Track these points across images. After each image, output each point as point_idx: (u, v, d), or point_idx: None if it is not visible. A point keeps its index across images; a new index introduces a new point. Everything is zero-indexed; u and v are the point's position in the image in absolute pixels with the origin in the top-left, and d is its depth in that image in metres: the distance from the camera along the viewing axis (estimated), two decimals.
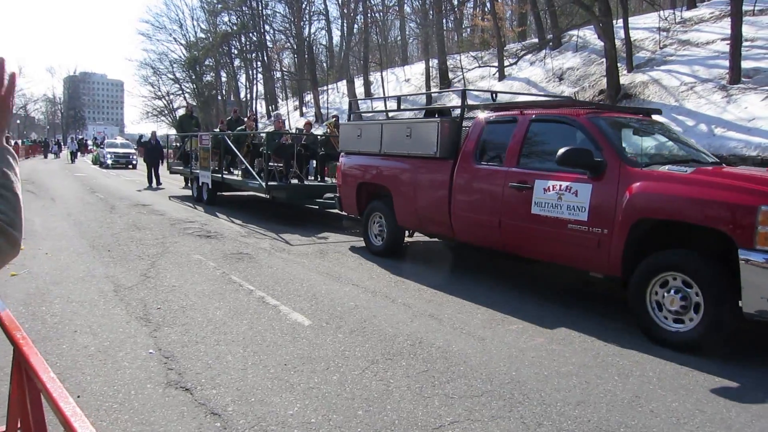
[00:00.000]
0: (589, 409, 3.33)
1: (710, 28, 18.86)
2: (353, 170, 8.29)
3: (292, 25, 41.47)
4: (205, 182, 13.34)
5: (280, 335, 4.45)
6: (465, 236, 6.51)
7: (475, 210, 6.23)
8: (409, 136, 7.10)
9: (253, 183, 11.39)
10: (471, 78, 25.14)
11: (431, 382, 3.64)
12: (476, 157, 6.26)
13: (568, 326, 4.88)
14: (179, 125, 17.68)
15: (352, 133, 8.35)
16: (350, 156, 8.42)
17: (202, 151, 13.63)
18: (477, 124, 6.45)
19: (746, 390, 3.67)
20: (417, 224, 7.29)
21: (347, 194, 8.37)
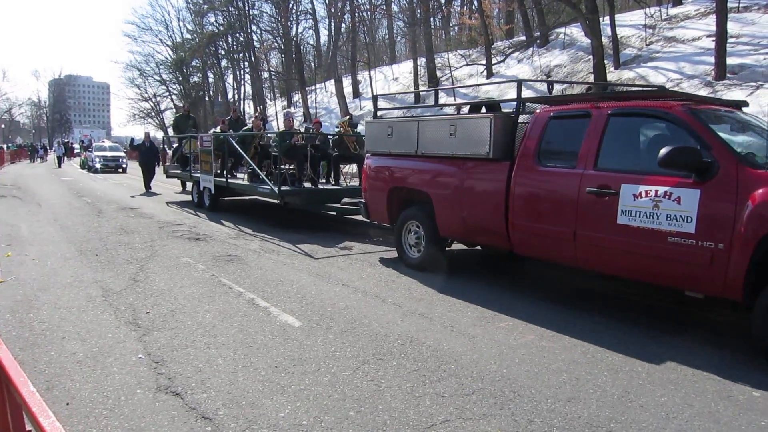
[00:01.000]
0: (580, 405, 3.36)
1: (696, 24, 19.03)
2: (383, 173, 7.44)
3: (279, 24, 41.31)
4: (207, 187, 12.49)
5: (271, 337, 4.43)
6: (526, 249, 5.74)
7: (540, 219, 5.41)
8: (454, 134, 6.27)
9: (263, 188, 10.46)
10: (459, 76, 25.19)
11: (422, 381, 3.65)
12: (539, 158, 5.47)
13: (558, 323, 4.91)
14: (175, 126, 16.62)
15: (380, 132, 7.48)
16: (379, 157, 7.56)
17: (203, 153, 12.69)
18: (538, 120, 5.61)
19: (733, 383, 3.70)
20: (463, 234, 6.48)
21: (375, 200, 7.54)
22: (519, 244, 5.74)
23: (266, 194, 10.53)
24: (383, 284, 6.22)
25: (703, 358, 4.14)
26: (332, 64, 37.16)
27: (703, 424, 3.15)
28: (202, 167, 12.79)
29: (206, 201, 12.67)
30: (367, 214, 7.84)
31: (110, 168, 28.39)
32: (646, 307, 5.58)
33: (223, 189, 12.06)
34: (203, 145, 12.74)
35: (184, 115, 16.92)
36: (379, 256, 7.68)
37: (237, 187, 11.81)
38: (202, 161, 12.79)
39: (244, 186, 11.58)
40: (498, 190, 5.79)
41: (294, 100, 41.50)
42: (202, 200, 12.87)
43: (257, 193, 11.00)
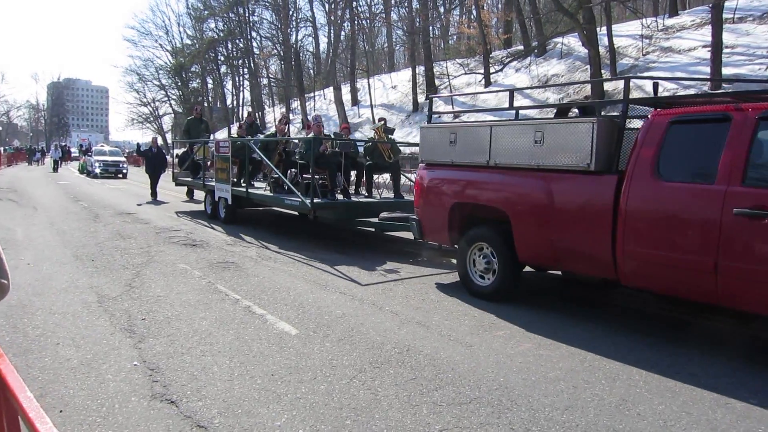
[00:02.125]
0: (577, 414, 3.34)
1: (692, 35, 19.17)
2: (443, 187, 6.53)
3: (279, 31, 41.49)
4: (223, 197, 11.45)
5: (267, 345, 4.41)
6: (639, 280, 4.82)
7: (663, 245, 4.49)
8: (540, 142, 5.38)
9: (291, 200, 9.41)
10: (457, 84, 25.28)
11: (419, 390, 3.63)
12: (659, 171, 4.59)
13: (555, 331, 4.89)
14: (186, 130, 15.38)
15: (440, 139, 6.59)
16: (437, 168, 6.66)
17: (220, 160, 11.63)
18: (655, 126, 4.73)
19: (730, 390, 3.70)
20: (550, 260, 5.54)
21: (433, 217, 6.61)
22: (630, 274, 4.79)
23: (294, 207, 9.52)
24: (380, 292, 6.18)
25: (700, 365, 4.13)
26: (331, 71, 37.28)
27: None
28: (217, 175, 11.84)
29: (221, 212, 11.66)
30: (420, 233, 6.85)
31: (110, 173, 27.66)
32: (643, 314, 5.58)
33: (241, 200, 11.05)
34: (220, 151, 11.73)
35: (196, 118, 15.65)
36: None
37: (259, 199, 10.70)
38: (217, 169, 11.82)
39: (267, 197, 10.49)
40: (602, 208, 4.88)
41: (293, 107, 41.57)
42: (217, 211, 11.87)
43: (284, 205, 9.96)
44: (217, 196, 11.75)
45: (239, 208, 11.46)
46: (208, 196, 12.58)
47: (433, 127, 6.93)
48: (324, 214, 9.21)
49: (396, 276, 7.00)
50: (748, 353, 4.52)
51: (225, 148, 11.50)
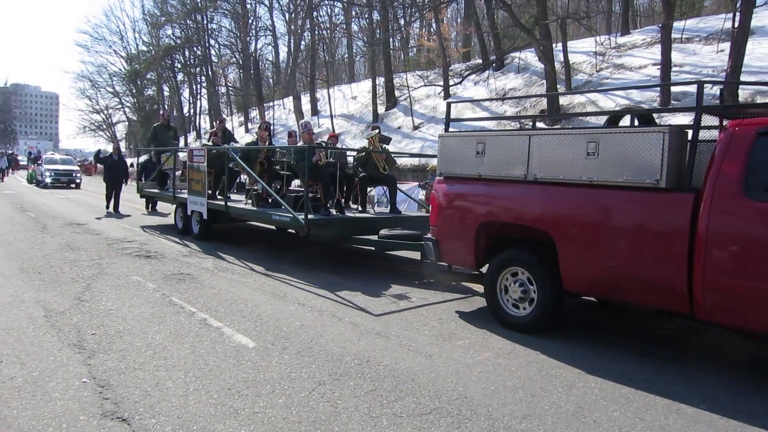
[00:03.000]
0: (535, 422, 3.38)
1: (642, 53, 19.93)
2: (468, 204, 5.82)
3: (237, 40, 41.11)
4: (197, 211, 10.49)
5: (224, 358, 4.31)
6: (726, 316, 4.17)
7: (760, 276, 3.89)
8: (594, 154, 4.73)
9: (280, 215, 8.48)
10: (417, 96, 25.53)
11: (379, 401, 3.61)
12: (747, 189, 4.02)
13: (513, 340, 4.96)
14: (153, 137, 14.00)
15: (463, 150, 5.86)
16: (460, 183, 5.93)
17: (194, 170, 10.57)
18: (738, 138, 4.17)
19: (682, 396, 3.81)
20: (605, 289, 4.84)
21: (454, 237, 5.90)
22: (711, 309, 4.17)
23: (284, 224, 8.63)
24: (339, 303, 6.14)
25: (653, 372, 4.25)
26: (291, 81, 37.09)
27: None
28: (191, 187, 10.70)
29: (194, 227, 10.74)
30: (437, 255, 6.10)
31: (62, 183, 26.13)
32: (597, 323, 5.71)
33: (218, 214, 10.07)
34: (193, 160, 10.65)
35: (163, 124, 14.41)
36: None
37: (241, 214, 9.68)
38: (191, 180, 10.70)
39: (250, 212, 9.44)
40: (676, 231, 4.28)
41: (252, 116, 41.16)
42: (189, 226, 10.91)
43: (271, 221, 9.08)
44: (189, 210, 10.74)
45: (214, 222, 10.51)
46: (179, 209, 11.54)
47: (456, 136, 6.13)
48: (320, 232, 8.41)
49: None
50: (699, 361, 4.68)
51: (200, 157, 10.48)
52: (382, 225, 8.42)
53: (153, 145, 13.92)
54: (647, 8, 35.36)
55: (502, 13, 25.13)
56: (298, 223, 7.90)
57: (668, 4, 16.01)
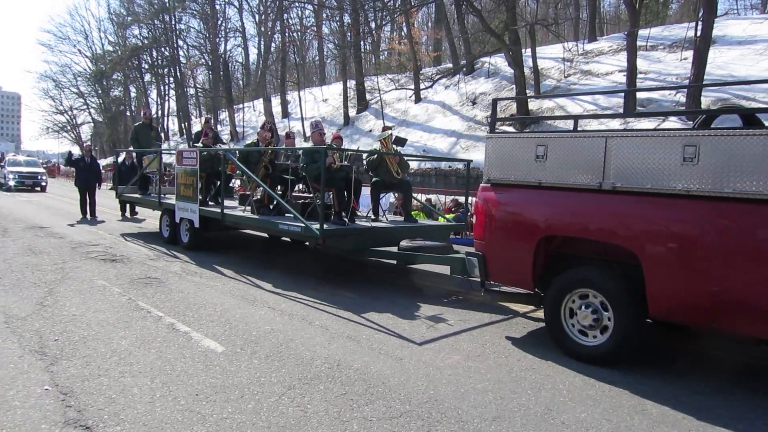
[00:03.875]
0: (505, 424, 3.41)
1: (609, 60, 20.38)
2: (526, 215, 5.12)
3: (206, 41, 40.60)
4: (187, 219, 9.55)
5: (192, 364, 4.24)
6: None
7: None
8: (693, 159, 4.09)
9: (289, 225, 7.49)
10: (388, 100, 25.59)
11: (350, 405, 3.59)
12: None
13: (484, 343, 5.00)
14: (134, 138, 12.91)
15: (519, 153, 5.19)
16: (514, 190, 5.23)
17: (184, 174, 9.62)
18: None
19: (647, 397, 3.90)
20: (706, 316, 4.14)
21: (507, 253, 5.21)
22: None
23: (294, 234, 7.62)
24: (309, 306, 6.10)
25: (619, 373, 4.34)
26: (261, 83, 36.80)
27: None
28: (180, 192, 9.78)
29: (183, 236, 9.89)
30: (484, 272, 5.42)
31: (26, 186, 24.95)
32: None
33: (211, 222, 9.20)
34: (183, 163, 9.71)
35: (145, 124, 13.18)
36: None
37: (240, 222, 8.79)
38: (180, 185, 9.77)
39: (251, 221, 8.52)
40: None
41: (221, 118, 40.68)
42: (177, 235, 10.04)
43: (278, 231, 8.12)
44: (178, 217, 9.87)
45: (206, 231, 9.56)
46: (165, 216, 10.64)
47: (510, 138, 5.42)
48: (337, 243, 7.51)
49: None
50: (663, 363, 4.79)
51: (190, 159, 9.52)
52: (401, 235, 7.69)
53: (134, 146, 12.96)
54: (614, 16, 36.20)
55: (472, 18, 25.41)
56: (312, 234, 7.00)
57: (634, 13, 16.44)
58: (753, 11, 30.72)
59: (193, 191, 9.35)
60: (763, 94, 13.87)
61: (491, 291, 5.61)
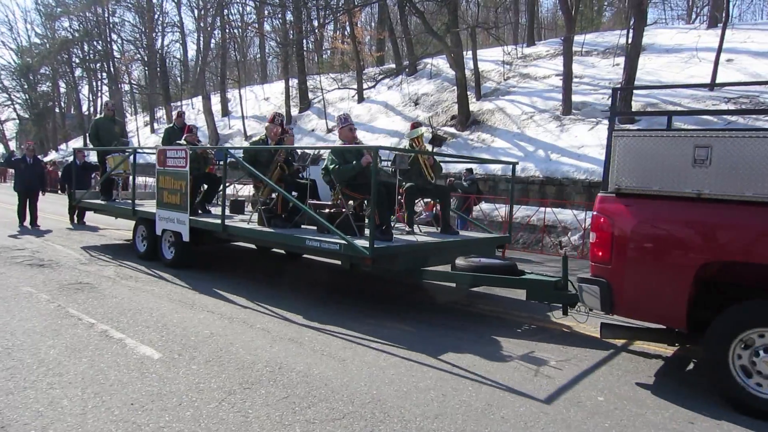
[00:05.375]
0: (447, 421, 3.46)
1: (546, 64, 21.02)
2: (679, 235, 4.15)
3: (142, 35, 39.22)
4: (174, 231, 8.01)
5: (126, 372, 4.08)
6: None
7: None
8: None
9: (321, 242, 6.09)
10: (331, 99, 25.49)
11: (292, 408, 3.55)
12: None
13: (426, 342, 5.05)
14: (94, 134, 11.00)
15: (669, 155, 4.13)
16: (656, 203, 4.21)
17: (168, 177, 8.14)
18: None
19: (581, 390, 4.04)
20: None
21: (652, 282, 4.18)
22: None
23: (329, 253, 6.21)
24: (251, 310, 5.99)
25: (555, 368, 4.49)
26: (200, 80, 35.81)
27: (557, 430, 3.39)
28: (162, 199, 8.22)
29: (166, 252, 8.34)
30: (608, 304, 4.34)
31: None
32: (503, 322, 5.93)
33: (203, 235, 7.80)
34: (167, 164, 8.18)
35: (108, 117, 11.24)
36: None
37: (251, 237, 7.49)
38: (163, 190, 8.22)
39: (266, 235, 7.04)
40: None
41: (158, 116, 39.38)
42: (159, 250, 8.43)
43: (304, 249, 6.62)
44: (159, 229, 8.28)
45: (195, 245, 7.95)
46: (142, 227, 9.03)
47: (654, 136, 4.26)
48: (387, 264, 6.06)
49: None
50: (597, 355, 4.98)
51: (178, 159, 8.01)
52: (454, 251, 6.58)
53: (94, 143, 11.11)
54: (551, 22, 37.39)
55: (415, 20, 25.63)
56: (357, 253, 5.69)
57: (570, 19, 17.04)
58: (680, 21, 32.52)
59: (181, 198, 7.84)
60: (688, 100, 14.67)
61: (612, 327, 4.67)
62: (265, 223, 7.17)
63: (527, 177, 14.05)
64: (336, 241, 5.96)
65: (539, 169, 13.74)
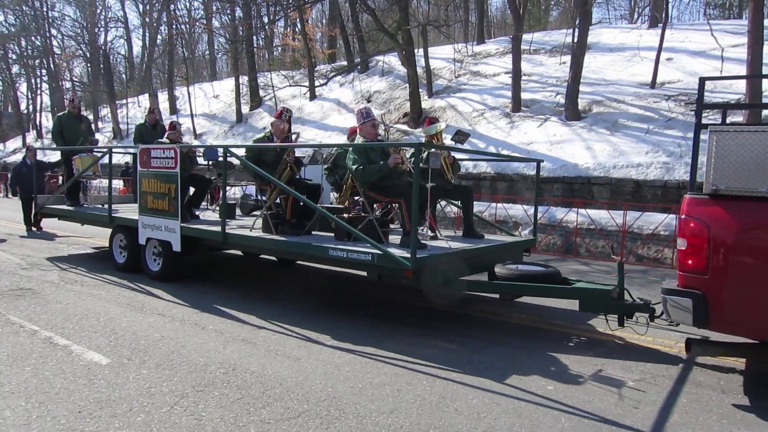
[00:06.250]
0: (401, 416, 3.50)
1: (496, 62, 21.40)
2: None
3: (84, 30, 37.78)
4: (158, 240, 7.26)
5: (73, 379, 3.95)
6: None
7: None
8: None
9: (348, 253, 5.39)
10: (282, 97, 25.23)
11: (246, 409, 3.53)
12: None
13: (380, 339, 5.09)
14: (58, 132, 9.78)
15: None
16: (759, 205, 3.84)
17: (154, 180, 7.27)
18: None
19: (533, 381, 4.16)
20: None
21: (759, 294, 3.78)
22: None
23: (359, 264, 5.43)
24: (202, 311, 5.88)
25: (507, 359, 4.59)
26: (146, 77, 34.84)
27: (508, 420, 3.48)
28: (147, 205, 7.38)
29: (151, 263, 7.49)
30: (703, 319, 3.97)
31: None
32: (454, 316, 6.03)
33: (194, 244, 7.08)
34: (154, 165, 7.29)
35: (72, 113, 9.97)
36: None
37: (260, 246, 6.62)
38: (147, 194, 7.38)
39: (279, 244, 6.18)
40: None
41: (102, 114, 38.04)
42: (142, 261, 7.57)
43: (327, 259, 5.75)
44: (143, 238, 7.47)
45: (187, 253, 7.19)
46: (120, 236, 8.15)
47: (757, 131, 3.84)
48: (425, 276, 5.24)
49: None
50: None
51: (165, 159, 7.17)
52: (489, 258, 6.15)
53: (58, 142, 9.98)
54: (500, 20, 38.08)
55: (366, 17, 25.65)
56: (395, 264, 5.01)
57: (518, 18, 17.40)
58: (623, 21, 33.74)
59: (170, 203, 7.06)
60: (631, 97, 15.22)
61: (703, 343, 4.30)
62: (272, 230, 6.40)
63: (479, 173, 14.26)
64: (367, 250, 5.26)
65: (490, 165, 13.97)
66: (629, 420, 3.56)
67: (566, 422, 3.49)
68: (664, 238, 10.38)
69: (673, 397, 3.99)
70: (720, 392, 4.13)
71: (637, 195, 11.73)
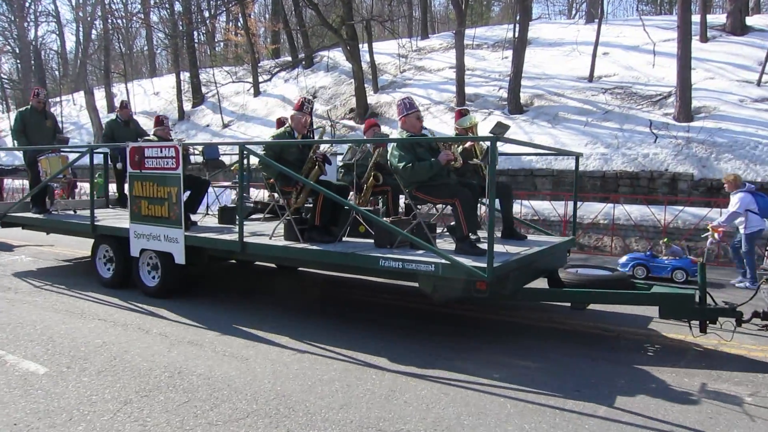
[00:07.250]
0: (352, 411, 3.52)
1: (440, 57, 21.62)
2: None
3: (12, 25, 35.88)
4: (156, 251, 6.41)
5: (7, 391, 3.78)
6: None
7: None
8: None
9: (404, 263, 4.63)
10: (225, 93, 24.72)
11: (193, 412, 3.46)
12: None
13: (330, 335, 5.09)
14: (20, 129, 8.52)
15: None
16: None
17: (150, 184, 6.34)
18: None
19: (479, 370, 4.26)
20: None
21: None
22: None
23: (411, 274, 4.69)
24: (146, 315, 5.73)
25: (453, 350, 4.69)
26: (81, 74, 33.38)
27: (456, 409, 3.56)
28: (141, 211, 6.44)
29: (146, 278, 6.61)
30: None
31: None
32: (404, 311, 6.10)
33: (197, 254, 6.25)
34: (148, 165, 6.35)
35: (35, 109, 8.70)
36: None
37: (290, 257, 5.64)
38: (141, 200, 6.44)
39: (319, 255, 5.32)
40: None
41: None
42: (134, 275, 6.69)
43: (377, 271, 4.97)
44: (136, 249, 6.55)
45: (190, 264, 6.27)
46: (105, 247, 7.14)
47: None
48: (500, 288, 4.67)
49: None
50: (495, 337, 5.25)
51: (164, 159, 6.25)
52: (548, 261, 5.67)
53: (20, 141, 8.70)
54: (443, 15, 38.45)
55: (310, 12, 25.42)
56: (467, 275, 4.37)
57: (460, 13, 17.61)
58: (561, 16, 34.69)
59: (171, 209, 6.19)
60: (571, 91, 15.71)
61: None
62: (299, 237, 5.53)
63: None
64: (430, 260, 4.55)
65: None
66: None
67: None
68: (604, 226, 10.79)
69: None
70: None
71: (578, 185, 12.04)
